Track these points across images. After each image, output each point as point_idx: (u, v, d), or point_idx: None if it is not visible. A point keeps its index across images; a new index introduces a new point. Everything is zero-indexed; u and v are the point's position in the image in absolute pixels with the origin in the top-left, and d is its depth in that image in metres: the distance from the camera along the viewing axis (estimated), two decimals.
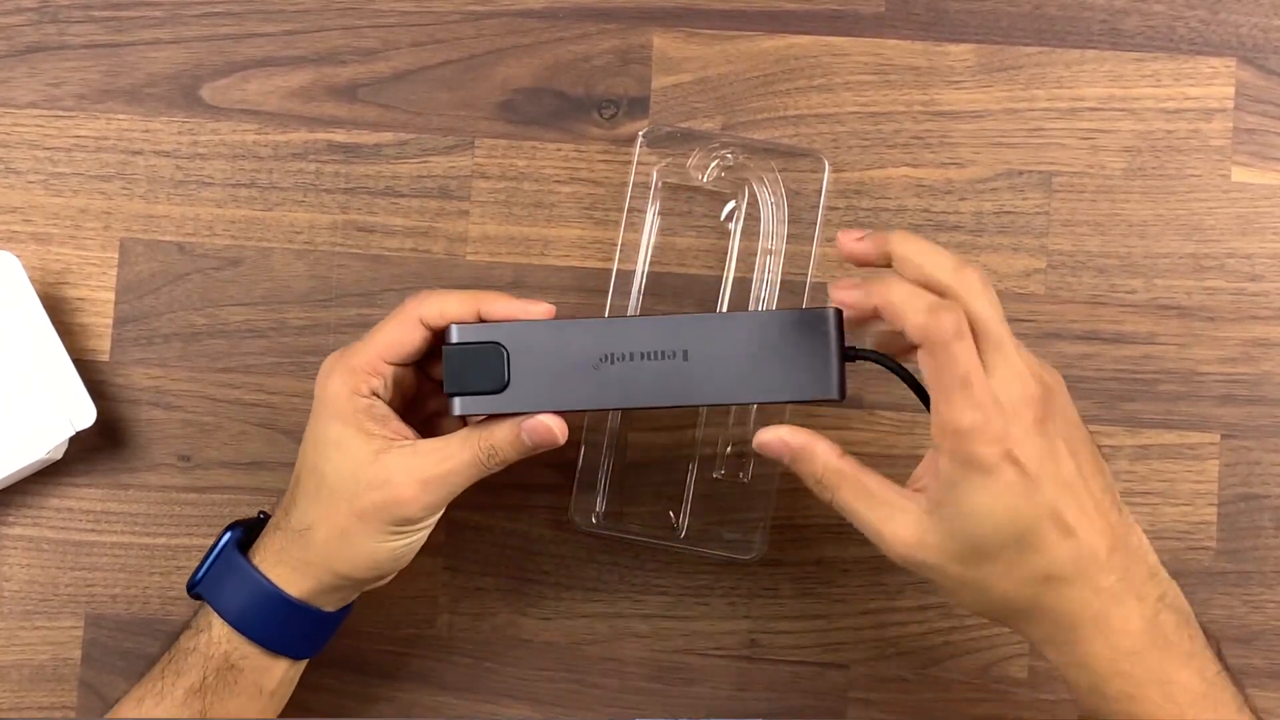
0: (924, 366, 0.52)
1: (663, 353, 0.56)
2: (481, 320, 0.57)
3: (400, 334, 0.57)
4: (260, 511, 0.62)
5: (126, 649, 0.70)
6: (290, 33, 0.72)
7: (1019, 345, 0.53)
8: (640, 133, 0.70)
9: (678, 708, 0.70)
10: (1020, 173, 0.71)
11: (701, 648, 0.70)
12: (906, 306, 0.52)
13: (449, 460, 0.56)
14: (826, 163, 0.70)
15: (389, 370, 0.57)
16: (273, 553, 0.58)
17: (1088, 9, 0.71)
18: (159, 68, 0.72)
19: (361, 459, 0.56)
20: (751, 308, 0.69)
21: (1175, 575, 0.69)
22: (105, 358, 0.71)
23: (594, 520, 0.69)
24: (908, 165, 0.71)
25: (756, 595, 0.70)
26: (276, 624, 0.58)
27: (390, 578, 0.60)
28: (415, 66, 0.72)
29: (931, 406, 0.52)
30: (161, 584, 0.70)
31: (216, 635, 0.58)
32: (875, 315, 0.54)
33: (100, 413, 0.67)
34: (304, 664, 0.61)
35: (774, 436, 0.56)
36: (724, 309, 0.69)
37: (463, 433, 0.57)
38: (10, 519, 0.70)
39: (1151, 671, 0.51)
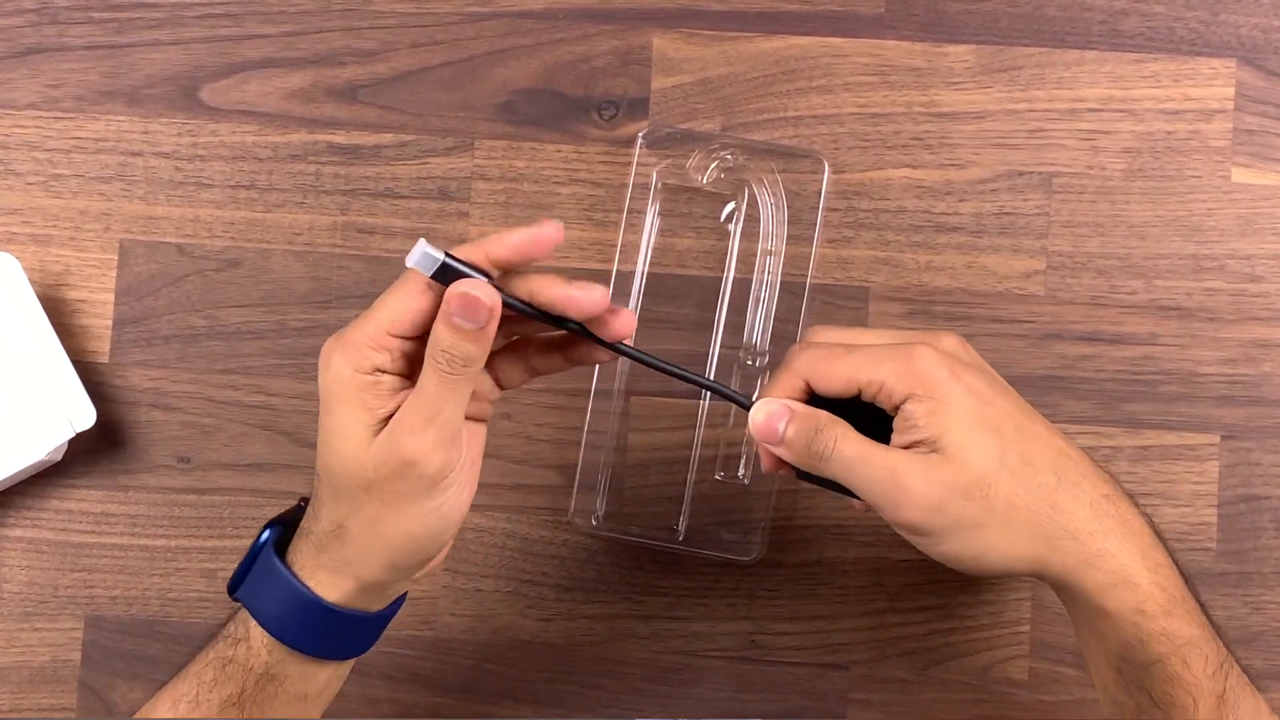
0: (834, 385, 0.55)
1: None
2: (488, 259, 0.52)
3: (407, 303, 0.51)
4: (300, 500, 0.57)
5: (126, 650, 0.70)
6: (290, 34, 0.72)
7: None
8: (640, 134, 0.70)
9: (678, 708, 0.70)
10: (1020, 174, 0.71)
11: (701, 648, 0.70)
12: (767, 388, 0.56)
13: (421, 392, 0.51)
14: (826, 164, 0.70)
15: (395, 344, 0.52)
16: (310, 557, 0.54)
17: (1088, 9, 0.71)
18: (158, 69, 0.72)
19: (364, 441, 0.51)
20: (751, 309, 0.69)
21: None
22: (105, 359, 0.71)
23: (594, 521, 0.69)
24: (908, 166, 0.71)
25: (756, 596, 0.70)
26: (318, 632, 0.54)
27: (437, 560, 0.56)
28: (415, 68, 0.72)
29: (881, 402, 0.53)
30: (161, 585, 0.70)
31: (256, 645, 0.54)
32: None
33: (100, 414, 0.67)
34: (351, 661, 0.58)
35: (775, 404, 0.55)
36: (724, 309, 0.69)
37: (425, 362, 0.52)
38: (10, 520, 0.70)
39: (1177, 587, 0.52)
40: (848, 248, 0.70)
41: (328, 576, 0.54)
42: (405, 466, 0.51)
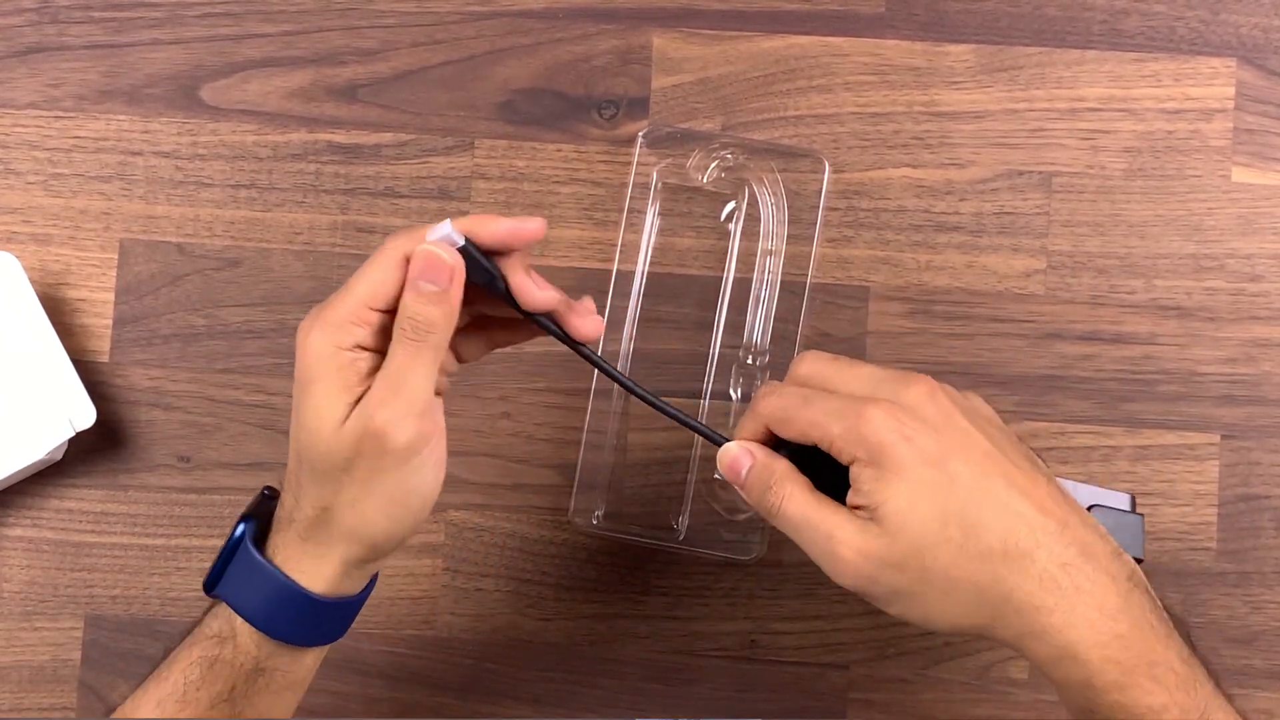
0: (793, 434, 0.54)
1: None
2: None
3: (384, 276, 0.51)
4: (264, 489, 0.57)
5: (126, 650, 0.70)
6: (290, 33, 0.72)
7: (875, 365, 0.54)
8: (640, 133, 0.70)
9: (678, 708, 0.70)
10: (1020, 173, 0.71)
11: (701, 648, 0.70)
12: (740, 426, 0.56)
13: (389, 363, 0.51)
14: (826, 163, 0.70)
15: (376, 318, 0.52)
16: (294, 547, 0.53)
17: (1088, 9, 0.71)
18: (159, 68, 0.72)
19: (337, 420, 0.51)
20: (751, 308, 0.69)
21: (1175, 575, 0.69)
22: (105, 358, 0.71)
23: (594, 520, 0.69)
24: (908, 166, 0.70)
25: (756, 595, 0.70)
26: (306, 623, 0.54)
27: (414, 530, 0.55)
28: (415, 67, 0.72)
29: (836, 457, 0.52)
30: (161, 585, 0.70)
31: (244, 642, 0.54)
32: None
33: (100, 413, 0.67)
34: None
35: (738, 448, 0.55)
36: (724, 309, 0.69)
37: (393, 335, 0.52)
38: (10, 519, 0.70)
39: (1138, 655, 0.49)
40: (848, 247, 0.70)
41: (312, 565, 0.53)
42: (375, 440, 0.51)
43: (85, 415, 0.67)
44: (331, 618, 0.55)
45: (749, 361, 0.69)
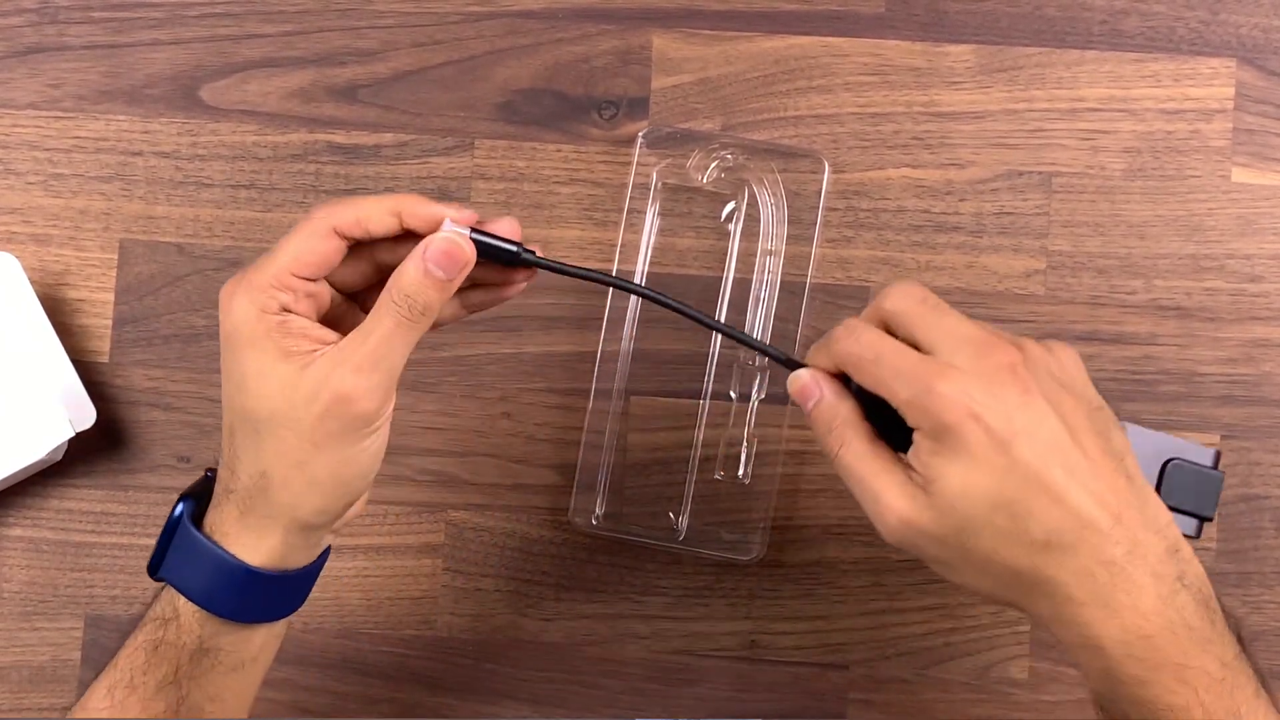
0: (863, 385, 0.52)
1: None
2: (403, 224, 0.53)
3: (311, 244, 0.52)
4: (207, 470, 0.56)
5: None
6: (290, 34, 0.72)
7: (965, 318, 0.52)
8: (640, 133, 0.70)
9: (678, 708, 0.70)
10: (1020, 173, 0.71)
11: (701, 648, 0.70)
12: (815, 352, 0.54)
13: (373, 333, 0.51)
14: (826, 163, 0.70)
15: (300, 285, 0.52)
16: (232, 520, 0.53)
17: (1088, 9, 0.71)
18: (159, 69, 0.72)
19: (287, 380, 0.50)
20: (751, 308, 0.69)
21: None
22: (105, 359, 0.71)
23: (594, 521, 0.69)
24: (908, 166, 0.71)
25: (756, 596, 0.70)
26: (248, 598, 0.53)
27: (359, 506, 0.55)
28: (415, 67, 0.72)
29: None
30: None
31: (186, 622, 0.53)
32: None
33: (100, 414, 0.67)
34: (285, 621, 0.57)
35: (809, 377, 0.54)
36: (724, 310, 0.69)
37: (378, 300, 0.52)
38: (10, 520, 0.70)
39: (1166, 656, 0.49)
40: (848, 247, 0.70)
41: (253, 538, 0.53)
42: (340, 403, 0.50)
43: (85, 415, 0.67)
44: (276, 592, 0.54)
45: (749, 362, 0.69)
